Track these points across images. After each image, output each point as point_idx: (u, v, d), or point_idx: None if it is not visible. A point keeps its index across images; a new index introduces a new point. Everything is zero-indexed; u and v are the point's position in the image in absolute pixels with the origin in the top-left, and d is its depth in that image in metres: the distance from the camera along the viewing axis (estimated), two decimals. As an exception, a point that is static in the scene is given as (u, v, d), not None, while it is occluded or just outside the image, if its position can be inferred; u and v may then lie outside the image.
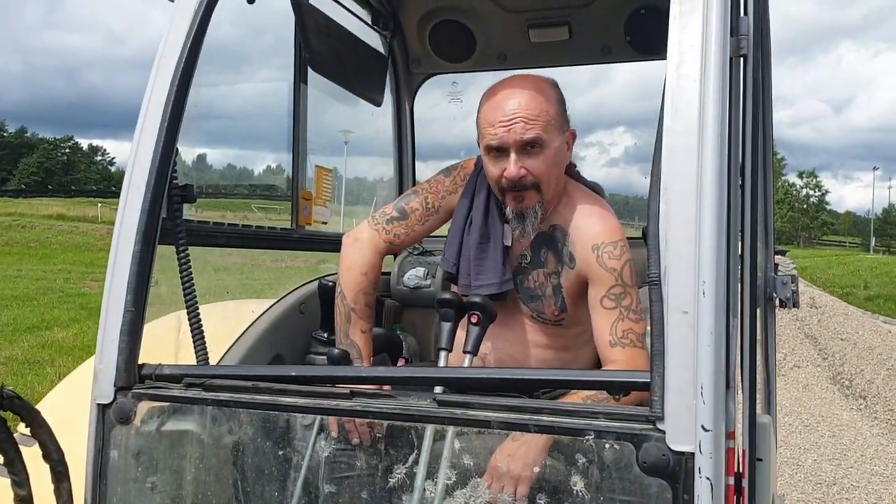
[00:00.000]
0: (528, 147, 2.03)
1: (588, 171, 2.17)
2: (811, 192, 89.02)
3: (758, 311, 3.21)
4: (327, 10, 2.88)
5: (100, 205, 46.73)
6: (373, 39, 3.26)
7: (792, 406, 7.95)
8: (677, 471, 1.35)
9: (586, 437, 1.42)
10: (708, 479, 1.32)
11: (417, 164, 3.76)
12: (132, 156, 1.81)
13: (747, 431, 1.86)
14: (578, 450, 1.44)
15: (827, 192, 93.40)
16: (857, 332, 9.96)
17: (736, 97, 1.83)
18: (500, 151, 2.06)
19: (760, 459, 2.06)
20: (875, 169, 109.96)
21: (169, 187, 1.83)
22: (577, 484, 1.46)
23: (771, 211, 3.68)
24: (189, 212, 2.07)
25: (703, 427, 1.32)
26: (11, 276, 20.68)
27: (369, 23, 3.23)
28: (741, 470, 1.76)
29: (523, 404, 1.48)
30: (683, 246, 1.39)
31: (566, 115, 2.14)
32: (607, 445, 1.41)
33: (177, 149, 1.85)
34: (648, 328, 1.65)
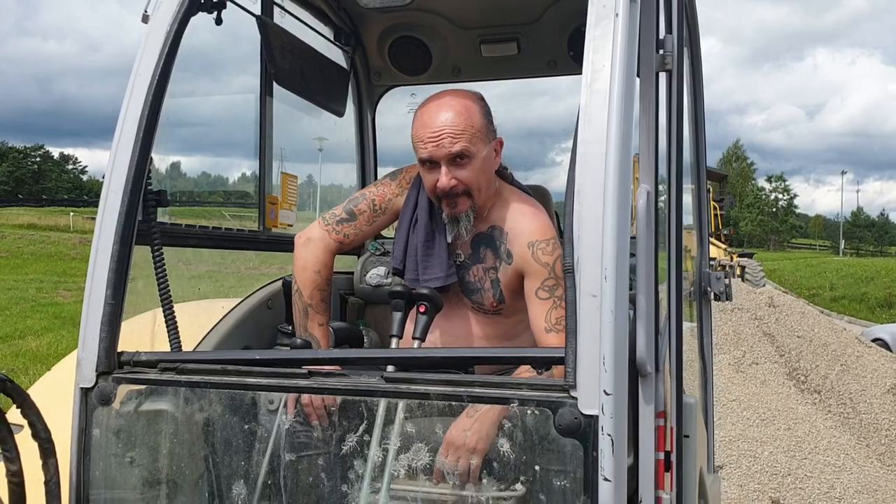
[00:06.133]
0: (456, 159, 2.23)
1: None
2: (780, 196, 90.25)
3: (694, 304, 3.47)
4: (291, 29, 3.08)
5: (71, 214, 46.12)
6: (335, 55, 3.47)
7: (750, 401, 8.23)
8: (587, 431, 1.56)
9: (511, 405, 1.64)
10: (609, 435, 1.53)
11: (384, 167, 3.97)
12: (110, 164, 2.01)
13: (675, 411, 2.09)
14: (505, 416, 1.67)
15: (795, 195, 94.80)
16: (813, 330, 10.27)
17: (670, 106, 2.06)
18: (432, 164, 2.26)
19: (687, 436, 2.30)
20: (843, 173, 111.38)
21: (144, 192, 2.04)
22: (504, 446, 1.68)
23: (706, 216, 3.93)
24: (163, 218, 2.26)
25: (605, 391, 1.54)
26: (-18, 286, 20.52)
27: (332, 39, 3.44)
28: (671, 447, 1.99)
29: (458, 378, 1.71)
30: (592, 239, 1.61)
31: (492, 125, 2.34)
32: (529, 412, 1.63)
33: (151, 157, 2.05)
34: None
